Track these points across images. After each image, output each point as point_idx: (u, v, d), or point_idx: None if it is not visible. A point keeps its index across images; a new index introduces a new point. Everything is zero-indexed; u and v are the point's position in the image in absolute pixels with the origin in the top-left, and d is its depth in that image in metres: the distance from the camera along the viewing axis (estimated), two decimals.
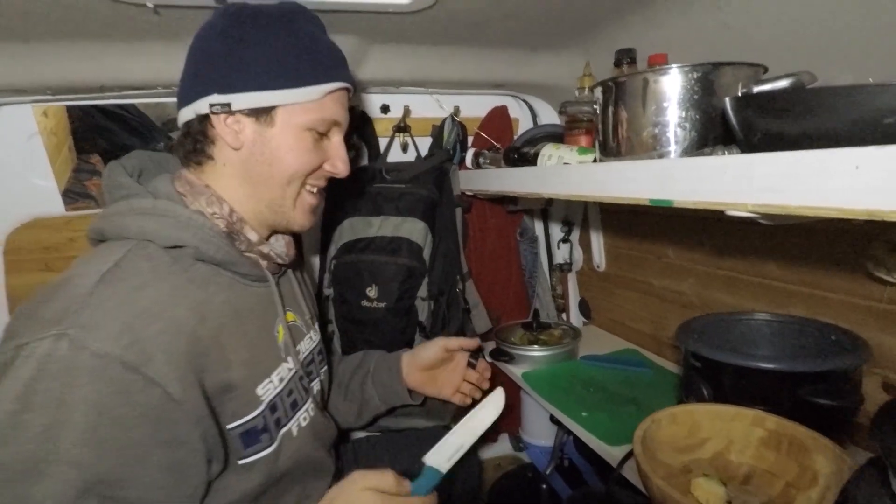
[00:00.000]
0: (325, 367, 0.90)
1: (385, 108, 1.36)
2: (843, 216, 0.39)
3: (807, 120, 0.48)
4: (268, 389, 0.69)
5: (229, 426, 0.63)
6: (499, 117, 1.41)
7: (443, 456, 0.69)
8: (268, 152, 0.68)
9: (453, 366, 0.97)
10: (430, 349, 0.95)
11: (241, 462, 0.65)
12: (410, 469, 0.69)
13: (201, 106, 0.66)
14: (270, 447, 0.68)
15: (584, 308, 1.58)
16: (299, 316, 0.83)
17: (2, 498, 0.49)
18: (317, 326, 0.89)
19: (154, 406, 0.54)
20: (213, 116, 0.66)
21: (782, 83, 0.56)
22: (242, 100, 0.65)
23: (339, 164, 0.74)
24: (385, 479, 0.64)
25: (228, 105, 0.65)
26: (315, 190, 0.75)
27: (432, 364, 0.95)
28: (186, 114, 0.68)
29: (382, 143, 1.36)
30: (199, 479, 0.60)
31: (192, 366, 0.58)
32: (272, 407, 0.69)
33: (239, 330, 0.66)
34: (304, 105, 0.68)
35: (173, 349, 0.56)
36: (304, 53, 0.67)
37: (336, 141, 0.74)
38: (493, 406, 0.76)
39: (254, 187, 0.70)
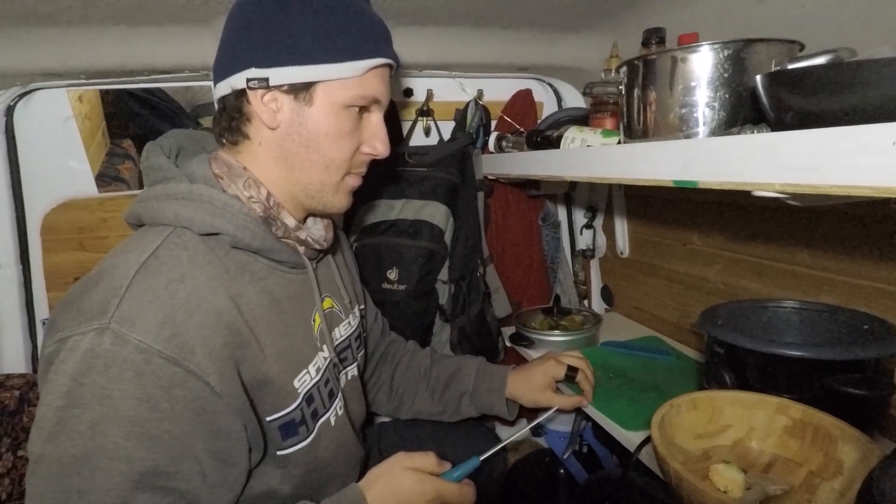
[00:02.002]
0: (363, 352, 0.90)
1: (408, 92, 1.36)
2: (878, 195, 0.38)
3: (843, 96, 0.46)
4: (304, 381, 0.69)
5: (268, 419, 0.64)
6: (522, 101, 1.40)
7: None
8: (304, 133, 0.65)
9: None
10: (541, 378, 0.95)
11: (279, 453, 0.66)
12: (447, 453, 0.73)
13: (238, 80, 0.63)
14: (308, 439, 0.69)
15: (607, 294, 1.56)
16: (337, 301, 0.82)
17: (54, 492, 0.51)
18: (356, 311, 0.88)
19: (196, 398, 0.55)
20: (249, 92, 0.63)
21: (819, 60, 0.54)
22: (281, 74, 0.62)
23: (377, 145, 0.70)
24: (427, 459, 0.67)
25: (266, 80, 0.62)
26: (356, 172, 0.72)
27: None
28: (222, 89, 0.65)
29: (405, 126, 1.36)
30: (242, 467, 0.61)
31: (232, 357, 0.58)
32: (309, 399, 0.69)
33: (276, 320, 0.66)
34: (345, 81, 0.64)
35: (213, 342, 0.56)
36: (346, 26, 0.64)
37: (375, 120, 0.70)
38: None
39: (290, 170, 0.67)
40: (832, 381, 0.69)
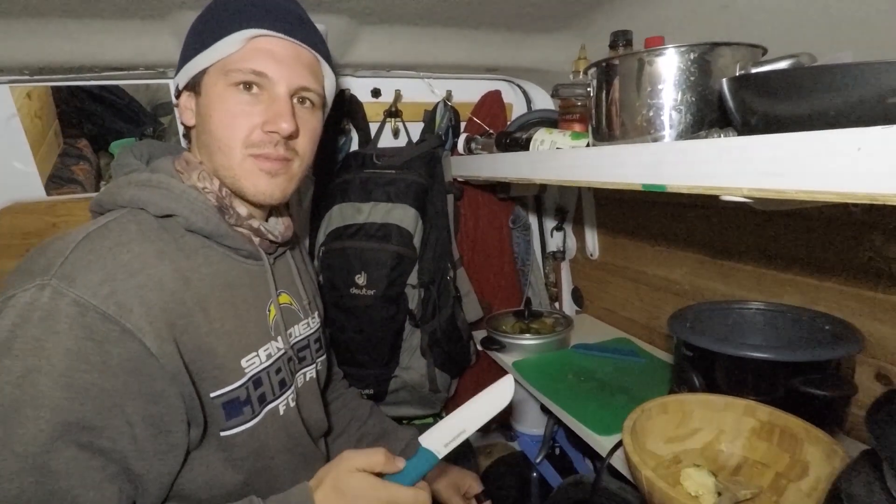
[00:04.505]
0: (324, 357, 0.89)
1: (376, 93, 1.33)
2: (842, 200, 0.37)
3: (806, 100, 0.46)
4: (253, 363, 0.69)
5: (212, 395, 0.63)
6: (492, 102, 1.39)
7: (440, 440, 0.65)
8: (201, 121, 0.69)
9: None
10: (459, 479, 0.93)
11: (223, 434, 0.65)
12: (405, 453, 0.67)
13: (173, 93, 0.73)
14: (253, 420, 0.68)
15: (577, 297, 1.57)
16: (296, 300, 0.82)
17: None
18: (316, 315, 0.88)
19: (131, 358, 0.55)
20: (177, 101, 0.72)
21: (782, 64, 0.55)
22: (182, 75, 0.70)
23: (277, 122, 0.66)
24: (375, 457, 0.62)
25: (178, 86, 0.71)
26: (260, 153, 0.67)
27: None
28: None
29: (373, 128, 1.33)
30: (178, 438, 0.60)
31: (170, 324, 0.59)
32: (256, 381, 0.69)
33: (227, 301, 0.67)
34: (225, 61, 0.66)
35: (151, 303, 0.57)
36: (217, 11, 0.68)
37: (272, 95, 0.67)
38: (501, 393, 0.67)
39: (209, 159, 0.70)
40: (796, 383, 0.70)
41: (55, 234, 0.61)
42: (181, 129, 0.78)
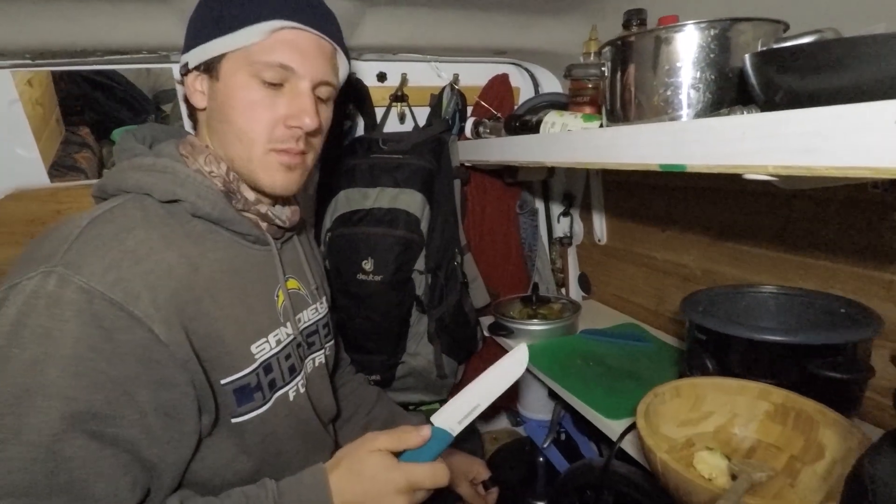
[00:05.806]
0: (332, 342, 0.88)
1: (382, 77, 1.31)
2: (877, 176, 0.36)
3: (835, 75, 0.44)
4: (263, 349, 0.68)
5: (222, 381, 0.63)
6: (499, 85, 1.37)
7: (454, 417, 0.63)
8: (217, 108, 0.67)
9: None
10: (466, 465, 0.92)
11: (234, 420, 0.65)
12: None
13: (179, 70, 0.69)
14: (264, 406, 0.68)
15: (584, 282, 1.56)
16: (304, 285, 0.81)
17: None
18: (324, 300, 0.87)
19: (139, 345, 0.54)
20: (184, 78, 0.69)
21: (805, 41, 0.53)
22: (194, 55, 0.66)
23: (301, 117, 0.65)
24: (392, 438, 0.62)
25: (186, 64, 0.67)
26: (282, 148, 0.67)
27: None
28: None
29: (379, 112, 1.31)
30: (191, 426, 0.60)
31: (179, 310, 0.58)
32: (267, 367, 0.69)
33: (235, 287, 0.66)
34: (248, 50, 0.64)
35: (158, 290, 0.56)
36: None
37: (297, 89, 0.66)
38: (515, 363, 0.66)
39: (222, 147, 0.68)
40: (812, 366, 0.69)
41: (59, 221, 0.59)
42: (184, 111, 0.74)
